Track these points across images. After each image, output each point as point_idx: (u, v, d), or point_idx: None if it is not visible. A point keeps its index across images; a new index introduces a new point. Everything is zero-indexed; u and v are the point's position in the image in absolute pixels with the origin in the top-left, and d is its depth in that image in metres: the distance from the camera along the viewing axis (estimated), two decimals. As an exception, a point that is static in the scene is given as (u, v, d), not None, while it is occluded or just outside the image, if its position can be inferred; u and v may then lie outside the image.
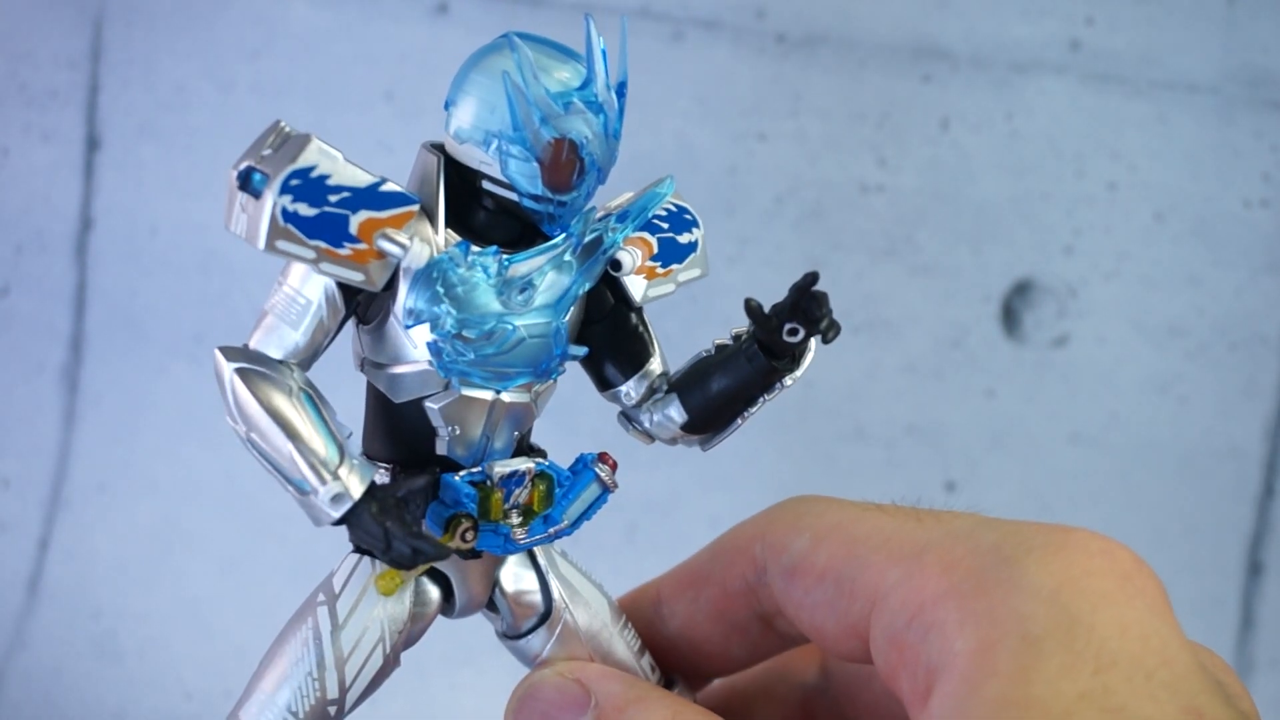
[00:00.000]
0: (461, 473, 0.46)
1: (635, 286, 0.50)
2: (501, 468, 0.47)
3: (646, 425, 0.51)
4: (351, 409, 0.46)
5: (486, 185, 0.45)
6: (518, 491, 0.47)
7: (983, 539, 0.41)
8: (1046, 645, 0.36)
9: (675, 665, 0.53)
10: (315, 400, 0.44)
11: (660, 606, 0.53)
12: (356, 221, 0.43)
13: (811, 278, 0.47)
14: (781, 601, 0.48)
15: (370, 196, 0.43)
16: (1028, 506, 1.15)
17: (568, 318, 0.47)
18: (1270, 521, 1.16)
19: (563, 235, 0.47)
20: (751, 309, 0.48)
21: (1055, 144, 1.12)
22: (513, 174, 0.44)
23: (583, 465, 0.49)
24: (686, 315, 1.03)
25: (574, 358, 0.48)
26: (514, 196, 0.45)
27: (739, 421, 0.50)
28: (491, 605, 0.50)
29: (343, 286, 0.44)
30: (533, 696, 0.48)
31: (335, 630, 0.45)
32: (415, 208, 0.44)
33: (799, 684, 0.54)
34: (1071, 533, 0.40)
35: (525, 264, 0.46)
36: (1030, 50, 1.11)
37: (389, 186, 0.44)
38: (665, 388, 0.50)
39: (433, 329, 0.44)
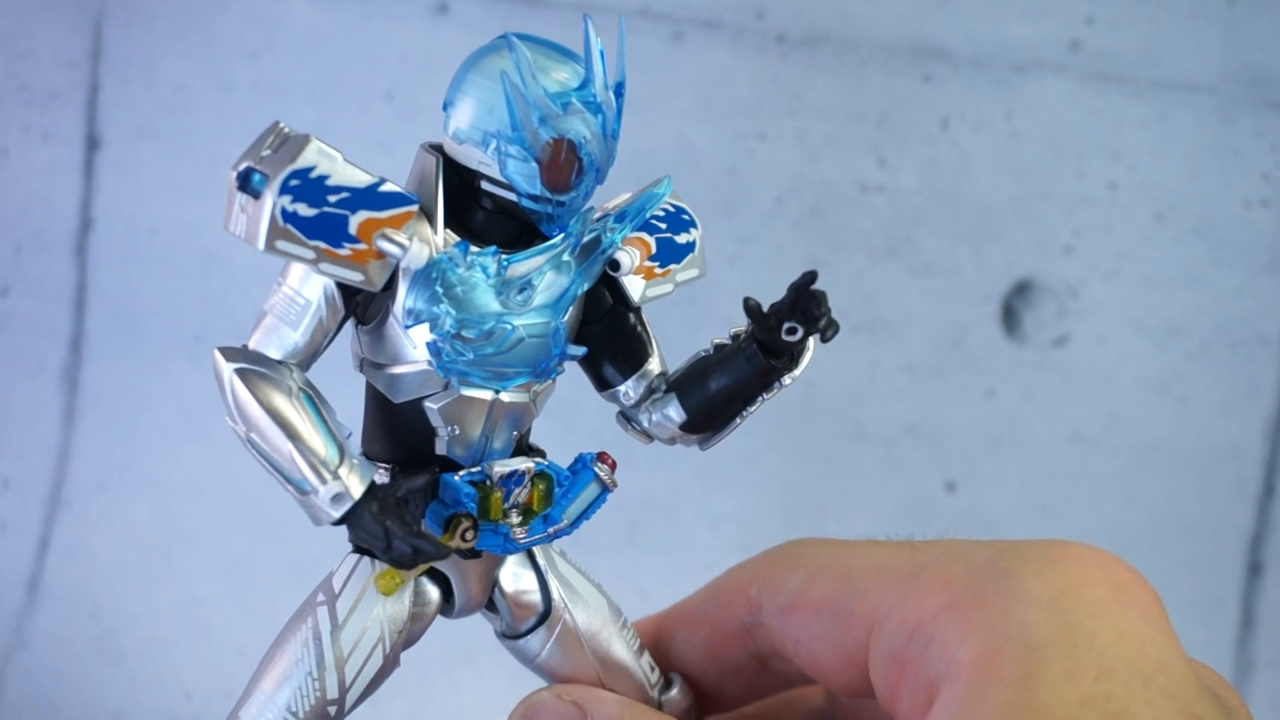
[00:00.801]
0: (461, 472, 0.46)
1: (634, 286, 0.50)
2: (501, 467, 0.47)
3: (645, 425, 0.51)
4: (351, 409, 0.46)
5: (485, 185, 0.45)
6: (517, 491, 0.47)
7: (978, 555, 0.41)
8: (1048, 652, 0.36)
9: None
10: (315, 400, 0.44)
11: (656, 644, 0.53)
12: (356, 222, 0.43)
13: (810, 276, 0.47)
14: (778, 639, 0.48)
15: (369, 197, 0.43)
16: (1028, 506, 1.15)
17: (566, 318, 0.47)
18: (1270, 521, 1.16)
19: (561, 235, 0.47)
20: (750, 308, 0.48)
21: (1055, 144, 1.12)
22: (511, 174, 0.44)
23: (582, 465, 0.49)
24: (686, 315, 1.03)
25: (573, 358, 0.48)
26: (513, 197, 0.45)
27: (738, 421, 0.50)
28: (491, 605, 0.51)
29: (342, 287, 0.44)
30: (530, 718, 0.48)
31: (335, 630, 0.45)
32: (414, 208, 0.44)
33: (804, 710, 0.54)
34: (1066, 545, 0.41)
35: (524, 264, 0.46)
36: (1030, 50, 1.11)
37: (388, 187, 0.44)
38: (664, 387, 0.50)
39: (432, 329, 0.44)
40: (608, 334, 0.50)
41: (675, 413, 0.50)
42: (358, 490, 0.43)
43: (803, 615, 0.47)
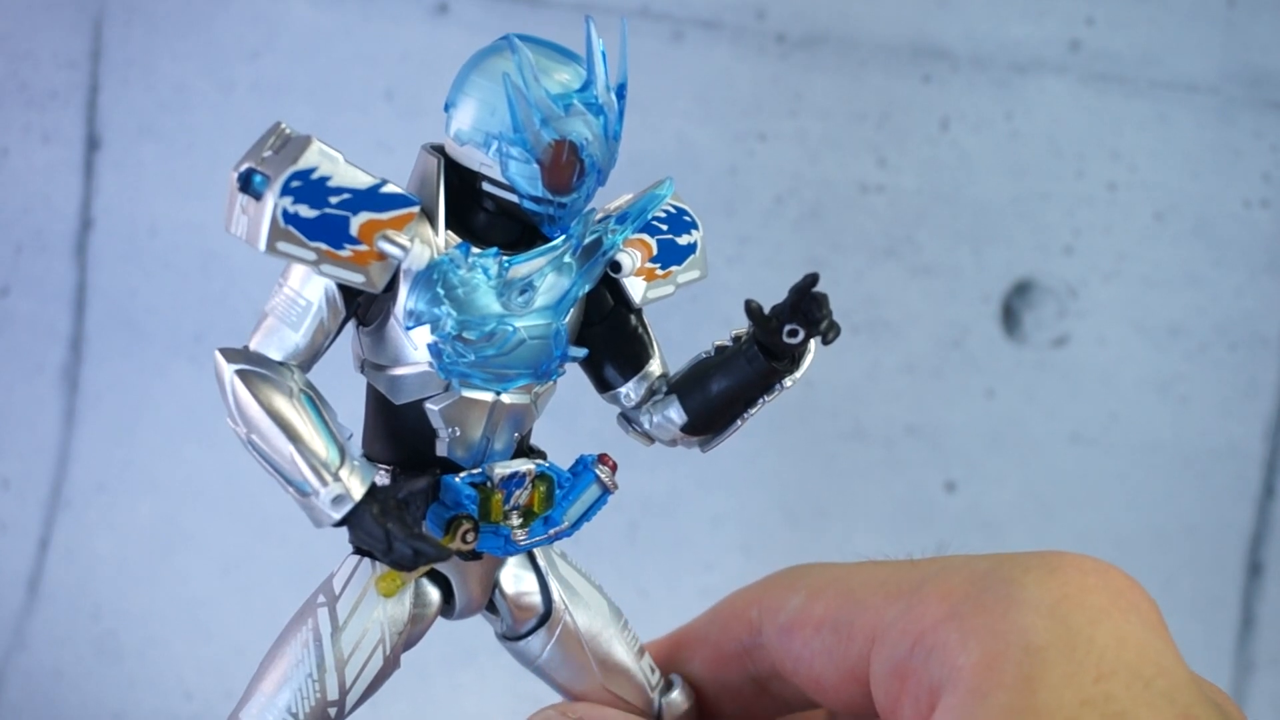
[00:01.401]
0: (462, 474, 0.46)
1: (635, 288, 0.50)
2: (502, 469, 0.47)
3: (646, 427, 0.51)
4: (352, 411, 0.46)
5: (487, 187, 0.45)
6: (518, 493, 0.47)
7: (978, 566, 0.42)
8: (1049, 655, 0.37)
9: None
10: (316, 402, 0.44)
11: (665, 666, 0.54)
12: (357, 223, 0.43)
13: (811, 279, 0.47)
14: (778, 659, 0.48)
15: (371, 198, 0.43)
16: (1028, 506, 1.15)
17: (567, 319, 0.47)
18: (1270, 521, 1.16)
19: (563, 237, 0.47)
20: (751, 310, 0.48)
21: (1055, 144, 1.12)
22: (513, 175, 0.44)
23: (583, 467, 0.49)
24: (687, 316, 1.03)
25: (574, 359, 0.48)
26: (514, 198, 0.45)
27: (739, 423, 0.50)
28: (491, 607, 0.51)
29: (343, 288, 0.44)
30: None
31: (335, 632, 0.45)
32: (416, 209, 0.44)
33: None
34: (1066, 555, 0.41)
35: (525, 265, 0.46)
36: (1030, 50, 1.11)
37: (390, 188, 0.44)
38: (665, 389, 0.50)
39: (433, 330, 0.44)
40: (609, 335, 0.50)
41: (676, 414, 0.50)
42: (358, 492, 0.43)
43: (804, 633, 0.47)
